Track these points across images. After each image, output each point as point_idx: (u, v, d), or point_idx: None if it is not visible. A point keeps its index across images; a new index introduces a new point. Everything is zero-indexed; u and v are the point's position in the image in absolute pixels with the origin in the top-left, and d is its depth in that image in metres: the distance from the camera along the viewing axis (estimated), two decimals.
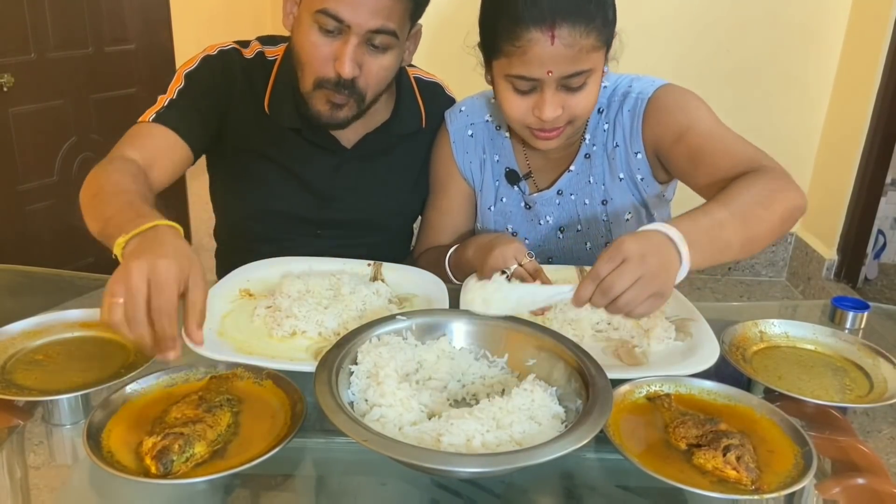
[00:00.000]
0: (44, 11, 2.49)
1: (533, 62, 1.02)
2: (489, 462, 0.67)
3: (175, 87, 1.19)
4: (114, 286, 0.74)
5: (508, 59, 1.04)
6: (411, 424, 0.74)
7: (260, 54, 1.25)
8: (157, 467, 0.68)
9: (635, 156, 1.20)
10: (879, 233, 3.19)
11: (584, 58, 1.02)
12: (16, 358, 0.88)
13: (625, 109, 1.19)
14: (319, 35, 1.08)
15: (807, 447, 0.74)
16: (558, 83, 1.04)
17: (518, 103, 1.08)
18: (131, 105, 2.89)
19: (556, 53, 1.00)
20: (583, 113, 1.09)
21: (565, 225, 1.27)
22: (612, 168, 1.22)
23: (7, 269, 1.30)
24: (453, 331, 0.90)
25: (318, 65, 1.10)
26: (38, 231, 2.64)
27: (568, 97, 1.06)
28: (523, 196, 1.27)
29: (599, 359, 0.82)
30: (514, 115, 1.10)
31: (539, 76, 1.03)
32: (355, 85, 1.11)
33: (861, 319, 1.09)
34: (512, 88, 1.07)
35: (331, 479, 0.80)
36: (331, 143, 1.25)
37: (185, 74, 1.20)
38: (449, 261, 1.17)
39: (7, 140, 2.46)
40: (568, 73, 1.03)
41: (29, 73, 2.47)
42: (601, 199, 1.24)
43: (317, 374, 0.75)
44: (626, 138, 1.19)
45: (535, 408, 0.76)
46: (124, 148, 1.11)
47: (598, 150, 1.22)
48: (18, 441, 0.80)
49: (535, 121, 1.08)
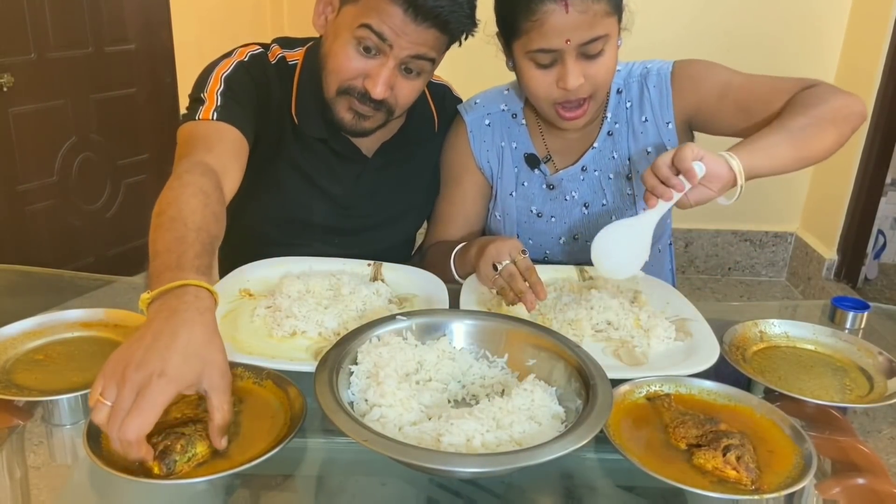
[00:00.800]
0: (44, 11, 2.49)
1: (551, 33, 1.06)
2: (489, 462, 0.67)
3: (215, 88, 1.11)
4: (106, 380, 0.67)
5: (528, 35, 1.08)
6: (411, 424, 0.74)
7: (282, 59, 1.21)
8: (160, 468, 0.68)
9: (666, 126, 1.24)
10: (879, 233, 3.19)
11: (598, 23, 1.06)
12: (16, 358, 0.88)
13: (650, 85, 1.24)
14: (356, 50, 1.07)
15: (807, 447, 0.74)
16: (577, 51, 1.08)
17: (542, 79, 1.12)
18: (131, 105, 2.90)
19: (572, 21, 1.05)
20: (603, 81, 1.13)
21: (590, 201, 1.29)
22: (637, 143, 1.26)
23: (7, 269, 1.30)
24: (453, 331, 0.90)
25: (346, 76, 1.09)
26: (38, 231, 2.64)
27: (588, 66, 1.10)
28: (545, 178, 1.29)
29: (599, 359, 0.82)
30: (539, 91, 1.13)
31: (558, 46, 1.07)
32: (384, 102, 1.11)
33: (861, 319, 1.09)
34: (534, 65, 1.11)
35: (331, 479, 0.80)
36: (353, 153, 1.25)
37: (224, 77, 1.13)
38: (454, 258, 1.18)
39: (7, 140, 2.46)
40: (585, 39, 1.07)
41: (29, 73, 2.48)
42: (626, 174, 1.27)
43: (317, 374, 0.75)
44: (656, 111, 1.24)
45: (535, 408, 0.76)
46: (200, 150, 1.01)
47: (622, 127, 1.26)
48: (18, 441, 0.80)
49: (560, 94, 1.12)
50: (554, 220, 1.30)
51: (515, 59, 1.15)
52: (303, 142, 1.22)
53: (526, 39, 1.09)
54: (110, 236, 2.91)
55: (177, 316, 0.71)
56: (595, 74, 1.11)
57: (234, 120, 1.08)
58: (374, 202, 1.30)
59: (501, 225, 1.33)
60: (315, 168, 1.24)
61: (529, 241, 1.32)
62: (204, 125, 1.07)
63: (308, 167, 1.23)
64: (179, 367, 0.67)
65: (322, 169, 1.24)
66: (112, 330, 0.94)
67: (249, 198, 1.26)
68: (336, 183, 1.26)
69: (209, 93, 1.11)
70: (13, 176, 2.52)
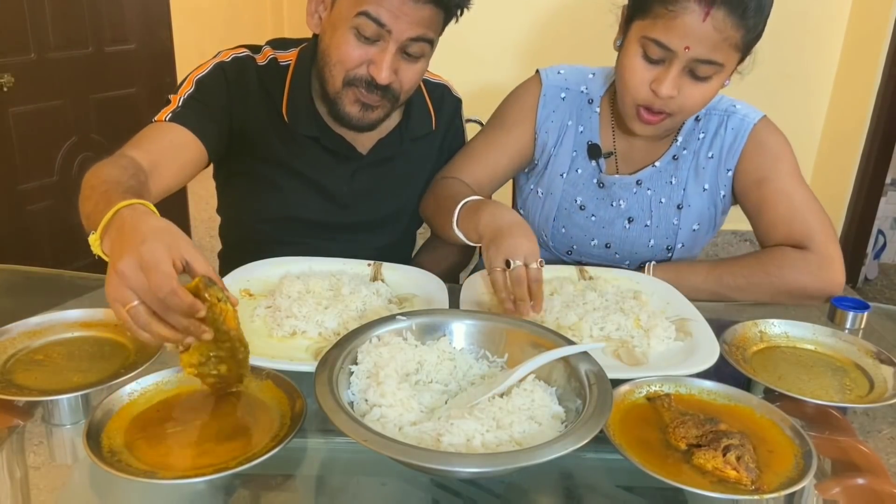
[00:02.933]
0: (44, 11, 2.49)
1: (677, 31, 1.03)
2: (489, 462, 0.67)
3: (185, 90, 1.17)
4: (112, 295, 0.72)
5: (654, 20, 1.05)
6: (411, 424, 0.74)
7: (273, 60, 1.23)
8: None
9: (727, 172, 1.24)
10: (879, 233, 3.20)
11: (723, 49, 1.04)
12: (16, 358, 0.88)
13: (729, 126, 1.23)
14: (355, 39, 1.08)
15: (807, 447, 0.74)
16: (687, 65, 1.06)
17: (640, 70, 1.09)
18: (131, 105, 2.89)
19: (703, 32, 1.02)
20: (692, 107, 1.11)
21: (635, 216, 1.28)
22: (698, 176, 1.26)
23: (7, 269, 1.30)
24: (453, 331, 0.90)
25: (350, 65, 1.10)
26: (38, 231, 2.64)
27: (688, 84, 1.08)
28: (598, 173, 1.28)
29: (599, 359, 0.82)
30: (631, 80, 1.11)
31: (675, 48, 1.04)
32: (389, 88, 1.12)
33: (861, 320, 1.09)
34: (641, 54, 1.08)
35: (331, 479, 0.80)
36: (347, 150, 1.25)
37: (197, 80, 1.18)
38: (461, 209, 1.12)
39: (7, 140, 2.46)
40: (703, 56, 1.04)
41: (29, 73, 2.47)
42: (677, 202, 1.26)
43: (317, 374, 0.75)
44: (723, 153, 1.24)
45: (535, 408, 0.76)
46: (128, 147, 1.09)
47: (688, 155, 1.25)
48: (18, 441, 0.80)
49: (647, 95, 1.10)
50: (594, 219, 1.29)
51: (627, 39, 1.12)
52: (295, 141, 1.22)
53: (650, 23, 1.06)
54: None
55: (126, 225, 0.77)
56: (689, 96, 1.09)
57: (188, 123, 1.13)
58: (371, 199, 1.30)
59: (541, 203, 1.31)
60: (309, 166, 1.24)
61: (562, 230, 1.31)
62: (154, 127, 1.14)
63: (302, 166, 1.24)
64: (155, 234, 0.74)
65: (316, 167, 1.24)
66: (112, 330, 0.94)
67: (246, 200, 1.28)
68: (332, 180, 1.26)
69: (177, 95, 1.16)
70: (13, 176, 2.52)
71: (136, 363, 0.86)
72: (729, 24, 1.02)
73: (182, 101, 1.15)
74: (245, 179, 1.27)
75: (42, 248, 2.66)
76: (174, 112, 1.14)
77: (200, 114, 1.15)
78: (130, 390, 0.80)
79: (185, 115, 1.14)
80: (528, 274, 0.96)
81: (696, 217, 1.28)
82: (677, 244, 1.28)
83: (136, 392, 0.80)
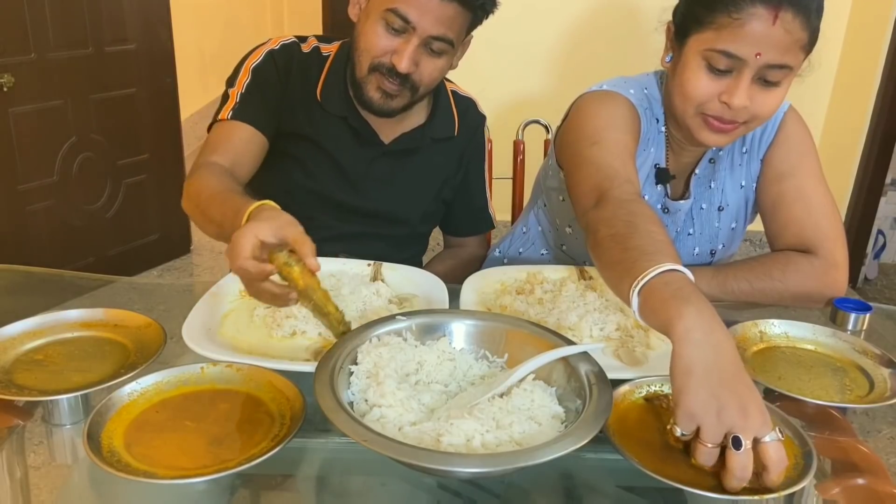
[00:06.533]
0: (44, 11, 2.49)
1: (746, 38, 0.99)
2: (489, 462, 0.67)
3: (243, 81, 1.26)
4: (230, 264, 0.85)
5: (717, 31, 1.00)
6: (411, 425, 0.74)
7: (316, 49, 1.33)
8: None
9: (759, 162, 1.22)
10: (879, 233, 3.19)
11: (793, 51, 1.01)
12: (16, 358, 0.88)
13: None
14: (384, 30, 1.17)
15: (807, 447, 0.74)
16: (758, 72, 1.01)
17: (707, 84, 1.04)
18: (131, 105, 2.89)
19: (773, 36, 0.98)
20: (764, 116, 1.07)
21: (681, 228, 1.25)
22: (734, 175, 1.23)
23: (7, 269, 1.30)
24: (453, 331, 0.90)
25: (376, 52, 1.19)
26: (38, 231, 2.64)
27: (759, 92, 1.04)
28: (664, 198, 1.22)
29: (599, 359, 0.82)
30: (697, 95, 1.05)
31: (746, 56, 1.00)
32: (409, 78, 1.20)
33: (863, 321, 1.09)
34: (706, 66, 1.03)
35: (331, 479, 0.80)
36: (371, 136, 1.32)
37: (253, 69, 1.27)
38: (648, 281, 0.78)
39: (7, 140, 2.46)
40: (775, 61, 1.00)
41: (29, 73, 2.47)
42: (717, 205, 1.24)
43: (317, 374, 0.75)
44: (756, 144, 1.22)
45: (534, 408, 0.76)
46: (210, 154, 1.20)
47: (724, 155, 1.23)
48: (18, 441, 0.80)
49: (717, 107, 1.05)
50: None
51: (684, 55, 1.06)
52: (325, 120, 1.30)
53: (713, 35, 1.01)
54: (110, 236, 2.90)
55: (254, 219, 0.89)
56: (762, 104, 1.04)
57: (248, 118, 1.24)
58: (386, 188, 1.36)
59: None
60: (333, 144, 1.31)
61: None
62: (222, 126, 1.24)
63: (325, 141, 1.31)
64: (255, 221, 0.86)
65: (338, 145, 1.32)
66: (112, 330, 0.94)
67: (270, 172, 1.34)
68: (351, 161, 1.33)
69: (236, 87, 1.26)
70: (13, 176, 2.52)
71: (136, 363, 0.86)
72: (798, 24, 0.99)
73: (240, 95, 1.25)
74: (272, 153, 1.32)
75: (42, 248, 2.66)
76: (234, 109, 1.24)
77: (257, 105, 1.26)
78: (130, 390, 0.80)
79: (244, 110, 1.24)
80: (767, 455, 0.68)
81: (734, 215, 1.27)
82: (719, 245, 1.27)
83: (136, 392, 0.80)
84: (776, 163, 1.21)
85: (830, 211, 1.19)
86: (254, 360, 0.86)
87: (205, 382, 0.83)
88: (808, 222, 1.17)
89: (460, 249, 1.54)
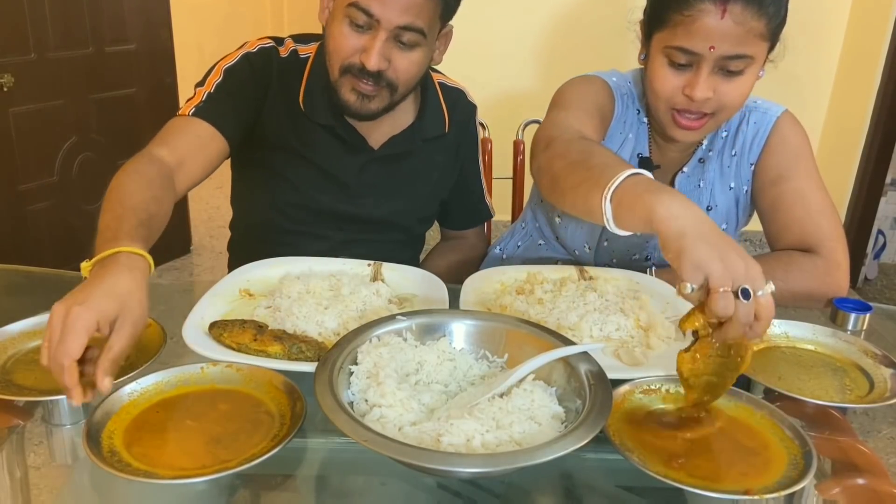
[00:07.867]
0: (44, 11, 2.49)
1: (698, 34, 1.02)
2: (489, 462, 0.67)
3: (213, 81, 1.21)
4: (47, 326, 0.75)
5: (673, 29, 1.05)
6: (411, 425, 0.74)
7: (293, 52, 1.28)
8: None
9: (749, 167, 1.23)
10: (879, 233, 3.19)
11: (749, 41, 1.03)
12: (16, 358, 0.88)
13: (751, 120, 1.22)
14: (350, 28, 1.12)
15: (807, 447, 0.74)
16: (716, 64, 1.05)
17: (670, 79, 1.08)
18: (131, 105, 2.90)
19: (724, 29, 1.01)
20: (731, 105, 1.09)
21: None
22: (723, 176, 1.24)
23: (7, 269, 1.30)
24: (453, 331, 0.90)
25: (345, 53, 1.14)
26: (38, 231, 2.64)
27: (722, 83, 1.06)
28: None
29: (599, 359, 0.82)
30: (663, 90, 1.09)
31: (700, 50, 1.03)
32: (383, 76, 1.15)
33: (863, 321, 1.09)
34: (668, 62, 1.08)
35: (331, 479, 0.80)
36: (359, 143, 1.28)
37: (225, 69, 1.22)
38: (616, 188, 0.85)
39: (7, 140, 2.46)
40: (730, 53, 1.03)
41: (29, 73, 2.48)
42: (706, 205, 1.25)
43: (317, 374, 0.75)
44: (746, 148, 1.23)
45: (534, 408, 0.76)
46: (156, 145, 1.12)
47: (714, 156, 1.25)
48: (18, 441, 0.80)
49: (682, 100, 1.09)
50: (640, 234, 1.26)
51: (650, 53, 1.11)
52: (310, 130, 1.25)
53: (669, 34, 1.05)
54: None
55: (106, 270, 0.80)
56: (726, 93, 1.07)
57: (210, 117, 1.17)
58: (379, 194, 1.32)
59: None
60: (321, 155, 1.27)
61: (605, 244, 1.30)
62: (178, 121, 1.17)
63: (314, 154, 1.27)
64: (98, 299, 0.75)
65: (328, 156, 1.27)
66: None
67: (258, 187, 1.31)
68: (341, 170, 1.29)
69: (205, 87, 1.20)
70: (13, 176, 2.52)
71: (135, 363, 0.86)
72: (748, 15, 1.01)
73: (207, 94, 1.19)
74: (259, 168, 1.30)
75: (42, 248, 2.66)
76: (197, 107, 1.18)
77: (223, 107, 1.19)
78: (130, 390, 0.80)
79: (207, 109, 1.18)
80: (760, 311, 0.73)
81: (724, 216, 1.27)
82: None
83: (136, 392, 0.80)
84: (772, 166, 1.22)
85: (830, 212, 1.20)
86: (254, 360, 0.86)
87: (205, 382, 0.83)
88: (809, 223, 1.18)
89: (459, 241, 1.52)
